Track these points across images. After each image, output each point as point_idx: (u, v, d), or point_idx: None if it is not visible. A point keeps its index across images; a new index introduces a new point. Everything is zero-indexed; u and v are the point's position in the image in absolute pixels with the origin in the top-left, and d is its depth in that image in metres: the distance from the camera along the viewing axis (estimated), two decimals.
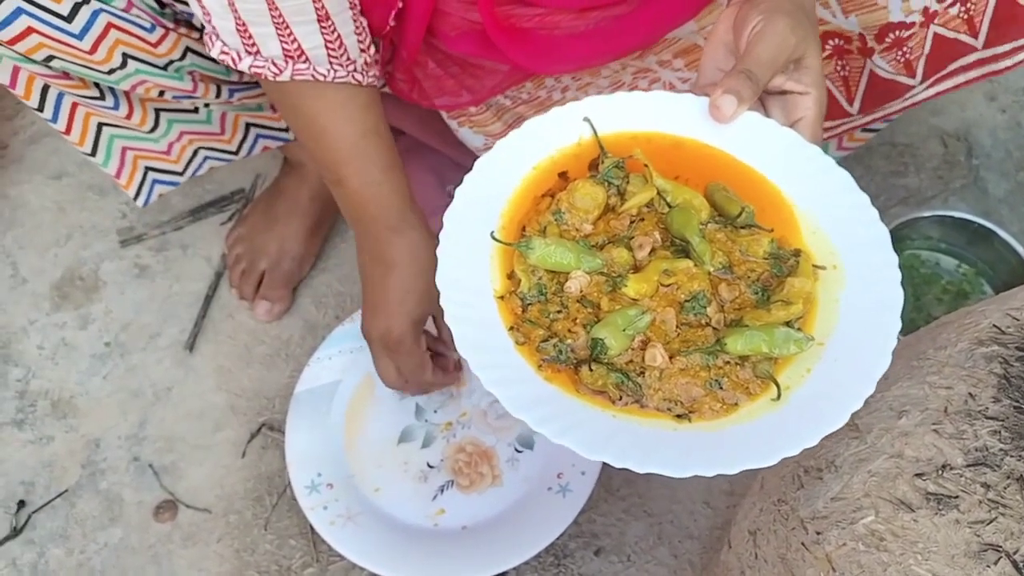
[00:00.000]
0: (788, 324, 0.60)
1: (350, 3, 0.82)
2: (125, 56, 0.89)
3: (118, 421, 1.15)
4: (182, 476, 1.11)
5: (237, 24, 0.78)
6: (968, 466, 0.59)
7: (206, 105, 1.05)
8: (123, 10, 0.86)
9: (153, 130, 1.04)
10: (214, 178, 1.31)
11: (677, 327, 0.61)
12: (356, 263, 0.97)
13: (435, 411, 1.06)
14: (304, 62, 0.81)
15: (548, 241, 0.62)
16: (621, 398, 0.59)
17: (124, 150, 1.04)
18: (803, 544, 0.64)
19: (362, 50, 0.85)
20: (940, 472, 0.60)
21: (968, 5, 0.88)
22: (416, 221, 0.93)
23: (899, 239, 1.17)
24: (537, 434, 1.04)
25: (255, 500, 1.09)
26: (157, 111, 1.02)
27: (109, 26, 0.86)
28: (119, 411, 1.16)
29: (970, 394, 0.63)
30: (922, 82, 0.95)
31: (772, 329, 0.59)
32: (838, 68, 0.96)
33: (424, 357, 0.97)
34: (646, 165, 0.66)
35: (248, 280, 1.20)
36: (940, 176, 1.29)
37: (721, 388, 0.59)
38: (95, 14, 0.84)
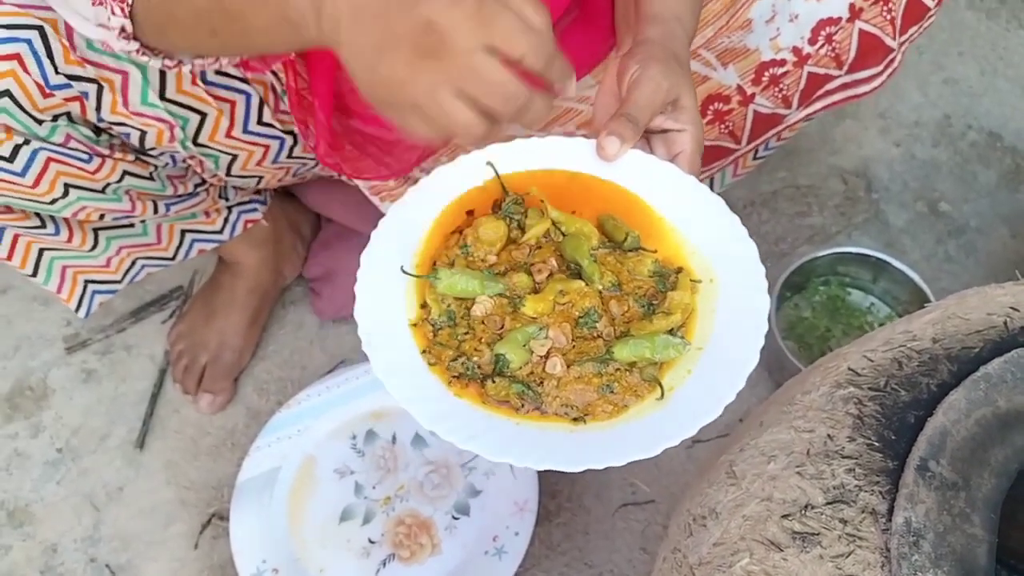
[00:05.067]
0: (671, 332, 0.69)
1: None
2: (67, 186, 0.93)
3: (73, 525, 1.18)
4: (138, 573, 1.14)
5: None
6: (828, 504, 0.64)
7: (142, 220, 1.09)
8: (61, 144, 0.89)
9: (93, 249, 1.08)
10: (153, 278, 1.35)
11: (572, 340, 0.68)
12: (296, 348, 0.98)
13: (374, 487, 1.11)
14: None
15: (454, 271, 0.69)
16: (523, 406, 0.66)
17: (64, 268, 1.08)
18: None
19: None
20: (804, 512, 0.65)
21: (834, 44, 0.99)
22: None
23: (804, 275, 1.24)
24: (473, 499, 1.09)
25: None
26: (96, 231, 1.06)
27: (49, 160, 0.90)
28: (74, 515, 1.19)
29: (829, 435, 0.68)
30: (796, 109, 1.03)
31: (654, 337, 0.67)
32: (722, 129, 1.03)
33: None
34: (542, 200, 0.75)
35: (191, 375, 1.24)
36: (843, 213, 1.36)
37: (613, 392, 0.66)
38: (35, 152, 0.88)
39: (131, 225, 1.09)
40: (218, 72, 0.94)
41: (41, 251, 1.04)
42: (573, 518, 1.13)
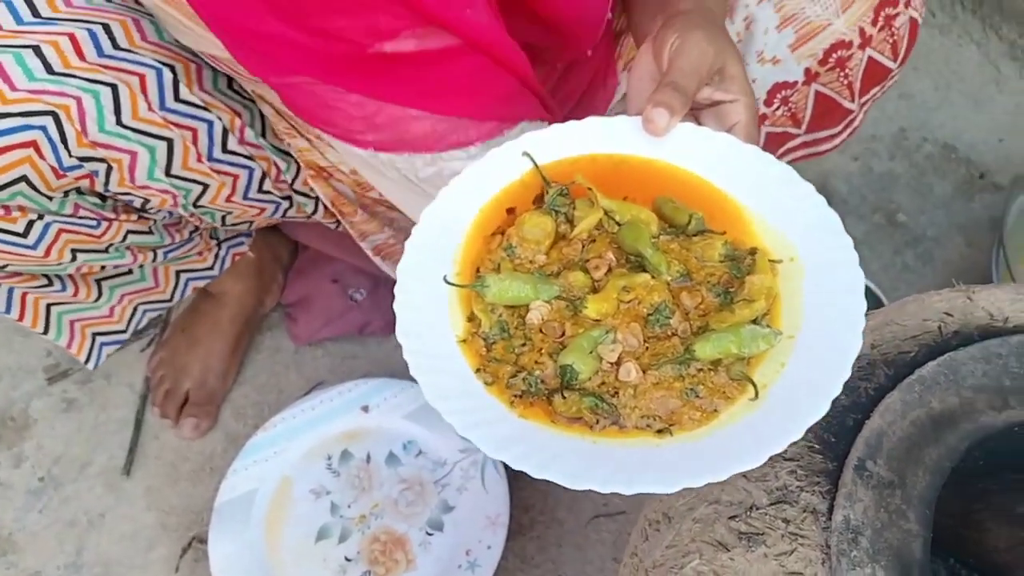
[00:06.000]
0: (755, 322, 0.61)
1: None
2: (74, 251, 0.96)
3: (56, 552, 1.20)
4: None
5: None
6: (771, 504, 0.67)
7: (140, 266, 1.11)
8: (71, 215, 0.92)
9: (97, 299, 1.11)
10: None
11: (644, 341, 0.61)
12: (273, 372, 1.05)
13: (349, 506, 1.13)
14: None
15: (503, 276, 0.62)
16: (598, 422, 0.59)
17: (72, 323, 1.11)
18: None
19: None
20: (749, 512, 0.68)
21: (790, 105, 1.00)
22: None
23: None
24: (446, 515, 1.11)
25: None
26: (99, 282, 1.10)
27: (60, 232, 0.93)
28: (56, 542, 1.21)
29: None
30: None
31: (739, 329, 0.59)
32: None
33: None
34: (590, 188, 0.67)
35: (172, 400, 1.26)
36: None
37: (698, 396, 0.59)
38: (47, 226, 0.91)
39: (129, 272, 1.12)
40: (224, 150, 0.97)
41: (49, 307, 1.07)
42: (546, 531, 1.15)
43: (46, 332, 1.08)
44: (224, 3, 0.69)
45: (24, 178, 0.84)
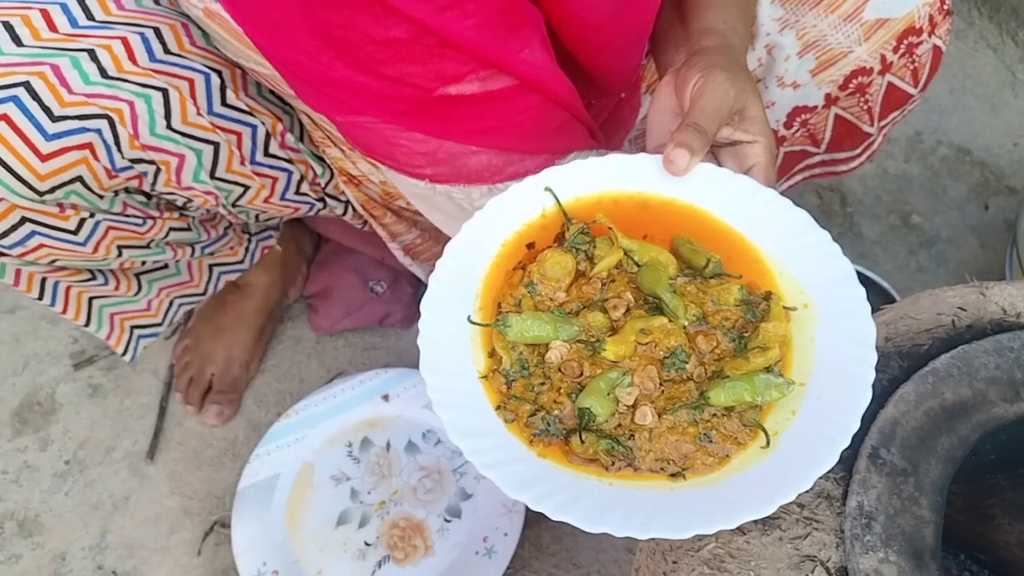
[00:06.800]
0: (768, 369, 0.62)
1: None
2: (120, 247, 0.99)
3: (81, 534, 1.23)
4: None
5: None
6: None
7: (176, 261, 1.14)
8: (120, 213, 0.95)
9: (137, 293, 1.14)
10: None
11: (660, 384, 0.62)
12: (294, 361, 1.07)
13: (369, 492, 1.16)
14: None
15: (524, 316, 0.63)
16: (614, 463, 0.60)
17: (112, 316, 1.13)
18: (664, 574, 0.73)
19: None
20: None
21: (809, 127, 1.01)
22: None
23: None
24: (464, 503, 1.13)
25: None
26: (138, 276, 1.12)
27: (109, 229, 0.95)
28: (81, 524, 1.24)
29: None
30: (776, 183, 1.08)
31: (753, 377, 0.61)
32: None
33: None
34: (610, 227, 0.68)
35: (196, 387, 1.29)
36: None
37: (711, 441, 0.60)
38: (97, 224, 0.94)
39: (166, 266, 1.15)
40: (266, 154, 1.00)
41: (91, 300, 1.09)
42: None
43: (87, 324, 1.10)
44: (291, 49, 0.72)
45: (79, 178, 0.87)
